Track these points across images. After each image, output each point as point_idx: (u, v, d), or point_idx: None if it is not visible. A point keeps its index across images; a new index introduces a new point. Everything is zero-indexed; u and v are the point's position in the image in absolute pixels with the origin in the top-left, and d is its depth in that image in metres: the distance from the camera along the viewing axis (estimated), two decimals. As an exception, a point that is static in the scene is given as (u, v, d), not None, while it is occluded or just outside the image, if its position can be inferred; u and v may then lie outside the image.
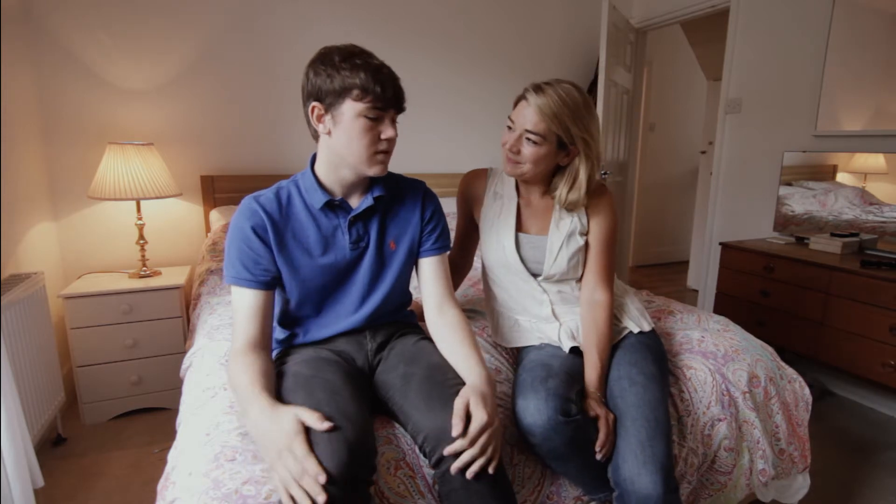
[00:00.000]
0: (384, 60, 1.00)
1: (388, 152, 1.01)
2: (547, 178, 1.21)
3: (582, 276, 1.24)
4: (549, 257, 1.21)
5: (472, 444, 0.83)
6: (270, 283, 1.02)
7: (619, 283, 1.36)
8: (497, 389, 1.12)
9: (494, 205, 1.28)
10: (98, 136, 2.24)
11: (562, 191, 1.17)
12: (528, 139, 1.11)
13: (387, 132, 0.98)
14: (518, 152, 1.13)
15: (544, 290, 1.23)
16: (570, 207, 1.19)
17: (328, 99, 0.96)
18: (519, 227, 1.24)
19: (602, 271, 1.20)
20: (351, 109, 0.95)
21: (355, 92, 0.93)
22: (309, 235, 1.04)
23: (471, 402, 0.87)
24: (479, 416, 0.85)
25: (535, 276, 1.23)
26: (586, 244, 1.22)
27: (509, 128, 1.15)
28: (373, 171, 1.01)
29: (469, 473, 0.83)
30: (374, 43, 1.11)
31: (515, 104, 1.15)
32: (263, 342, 0.99)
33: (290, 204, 1.05)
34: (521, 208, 1.26)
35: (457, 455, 0.83)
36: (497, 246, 1.24)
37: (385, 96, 0.95)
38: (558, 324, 1.22)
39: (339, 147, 0.99)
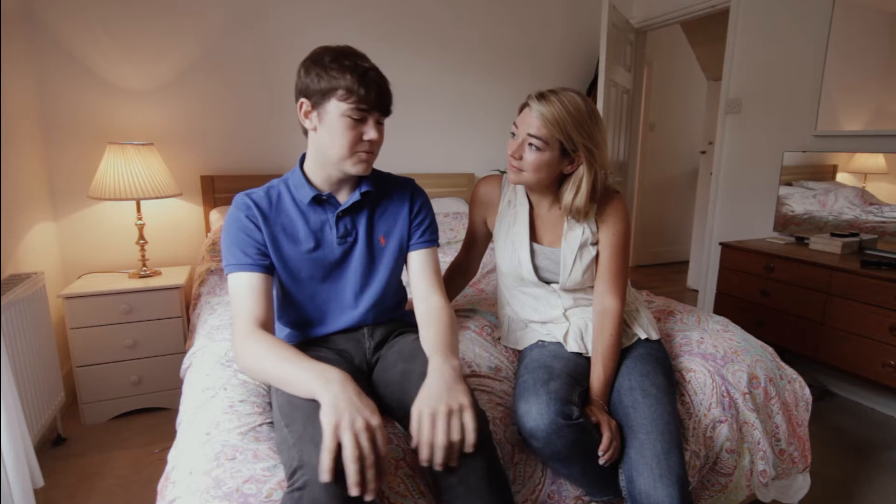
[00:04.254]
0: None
1: (370, 152, 1.03)
2: (553, 187, 1.20)
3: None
4: (563, 272, 1.21)
5: (427, 446, 0.80)
6: (269, 268, 1.03)
7: (633, 290, 1.35)
8: (497, 388, 1.12)
9: (508, 213, 1.28)
10: (98, 136, 2.24)
11: (566, 198, 1.16)
12: (531, 144, 1.11)
13: (369, 134, 1.00)
14: (520, 158, 1.13)
15: (559, 296, 1.23)
16: (576, 216, 1.18)
17: (315, 97, 0.99)
18: (533, 237, 1.25)
19: (612, 278, 1.19)
20: (335, 108, 0.98)
21: (340, 92, 0.96)
22: (298, 230, 1.07)
23: (412, 417, 0.84)
24: (422, 426, 0.82)
25: (548, 282, 1.24)
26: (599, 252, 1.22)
27: (513, 134, 1.15)
28: (355, 170, 1.03)
29: (436, 463, 0.80)
30: (373, 43, 1.12)
31: (519, 111, 1.16)
32: (269, 325, 0.99)
33: (279, 200, 1.08)
34: (534, 219, 1.26)
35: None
36: (512, 255, 1.24)
37: (368, 98, 0.97)
38: (567, 324, 1.22)
39: (323, 143, 1.02)
